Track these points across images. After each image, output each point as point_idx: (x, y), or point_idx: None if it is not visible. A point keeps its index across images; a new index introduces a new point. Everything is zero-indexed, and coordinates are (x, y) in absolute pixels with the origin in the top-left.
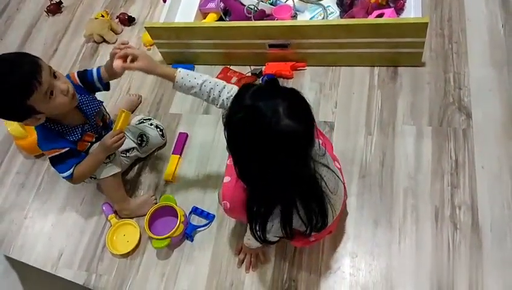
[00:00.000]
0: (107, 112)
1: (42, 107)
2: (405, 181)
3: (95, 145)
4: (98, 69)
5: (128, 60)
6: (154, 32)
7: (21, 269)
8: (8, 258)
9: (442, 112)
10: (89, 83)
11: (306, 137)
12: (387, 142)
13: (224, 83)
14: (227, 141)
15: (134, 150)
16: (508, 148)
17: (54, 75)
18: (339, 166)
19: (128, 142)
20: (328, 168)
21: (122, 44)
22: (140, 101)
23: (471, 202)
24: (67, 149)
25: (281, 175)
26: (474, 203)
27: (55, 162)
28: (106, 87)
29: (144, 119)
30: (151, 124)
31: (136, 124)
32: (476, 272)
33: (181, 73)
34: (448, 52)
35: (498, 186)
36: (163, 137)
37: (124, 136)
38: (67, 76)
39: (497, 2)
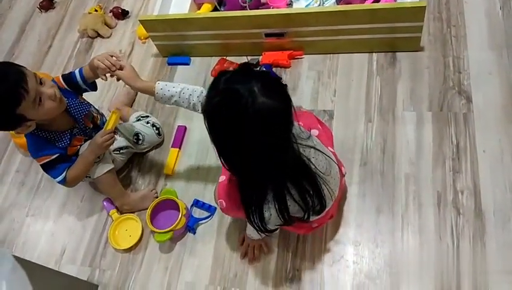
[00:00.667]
0: (98, 112)
1: (32, 114)
2: (406, 167)
3: (85, 145)
4: (80, 70)
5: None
6: (149, 25)
7: (28, 266)
8: (15, 257)
9: (442, 96)
10: (74, 85)
11: (283, 115)
12: (388, 128)
13: (202, 88)
14: (208, 131)
15: (129, 147)
16: (509, 131)
17: (40, 81)
18: (332, 150)
19: (123, 141)
20: (316, 149)
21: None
22: (136, 93)
23: (473, 187)
24: (57, 155)
25: (264, 157)
26: (476, 187)
27: (47, 168)
28: (93, 88)
29: (142, 117)
30: (147, 122)
31: (133, 122)
32: (479, 256)
33: (159, 84)
34: (447, 36)
35: (500, 170)
36: (160, 135)
37: (114, 135)
38: (53, 81)
39: None
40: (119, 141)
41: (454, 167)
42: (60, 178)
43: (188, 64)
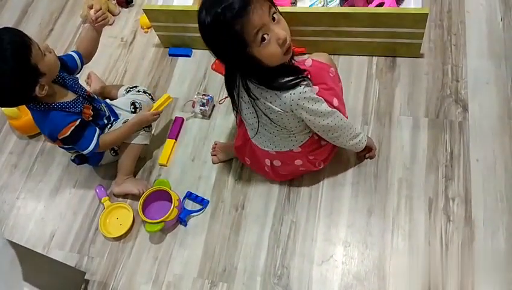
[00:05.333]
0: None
1: (42, 65)
2: (400, 171)
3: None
4: (78, 54)
5: None
6: (152, 14)
7: (17, 248)
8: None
9: (439, 103)
10: (69, 67)
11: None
12: (384, 132)
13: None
14: None
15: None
16: (503, 142)
17: None
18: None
19: (125, 115)
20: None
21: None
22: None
23: (464, 195)
24: (80, 119)
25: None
26: (467, 195)
27: (75, 140)
28: (79, 71)
29: (130, 88)
30: (138, 91)
31: (125, 94)
32: (467, 263)
33: None
34: (447, 44)
35: (492, 179)
36: (154, 100)
37: (160, 113)
38: None
39: None
40: (122, 116)
41: (447, 174)
42: (92, 145)
43: (189, 56)
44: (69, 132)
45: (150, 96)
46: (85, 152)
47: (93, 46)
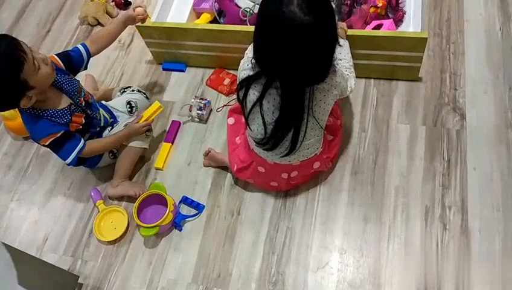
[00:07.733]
0: (87, 92)
1: (33, 80)
2: (397, 179)
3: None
4: (86, 48)
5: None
6: (145, 31)
7: (11, 251)
8: None
9: (436, 111)
10: (75, 63)
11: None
12: (381, 139)
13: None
14: None
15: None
16: (500, 151)
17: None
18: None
19: (123, 116)
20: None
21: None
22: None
23: (461, 204)
24: (61, 132)
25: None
26: (464, 204)
27: (54, 149)
28: (86, 66)
29: (124, 88)
30: (133, 90)
31: (119, 95)
32: (462, 273)
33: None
34: (446, 53)
35: (489, 188)
36: (148, 99)
37: (151, 124)
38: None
39: (496, 5)
40: (121, 119)
41: (444, 182)
42: (69, 159)
43: (183, 71)
44: (47, 142)
45: (145, 95)
46: (65, 162)
47: (112, 41)
